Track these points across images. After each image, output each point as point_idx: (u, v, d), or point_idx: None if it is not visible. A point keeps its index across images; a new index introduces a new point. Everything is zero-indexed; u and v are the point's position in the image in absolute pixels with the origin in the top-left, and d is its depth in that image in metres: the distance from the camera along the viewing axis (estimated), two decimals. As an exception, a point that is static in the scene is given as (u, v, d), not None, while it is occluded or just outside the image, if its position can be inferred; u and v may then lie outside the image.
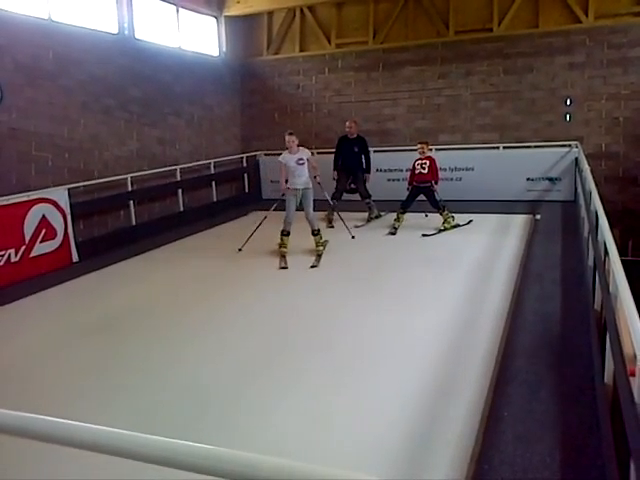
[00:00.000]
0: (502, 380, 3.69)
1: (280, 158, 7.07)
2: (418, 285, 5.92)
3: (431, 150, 8.83)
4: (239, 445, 2.27)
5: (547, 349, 4.19)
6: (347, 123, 9.32)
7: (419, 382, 3.78)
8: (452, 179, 10.28)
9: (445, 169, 9.90)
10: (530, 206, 9.43)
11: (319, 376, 3.96)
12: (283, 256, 7.00)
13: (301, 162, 6.97)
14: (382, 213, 9.47)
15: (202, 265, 7.10)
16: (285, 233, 7.10)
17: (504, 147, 10.44)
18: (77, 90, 8.32)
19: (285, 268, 6.73)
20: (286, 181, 7.15)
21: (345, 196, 9.27)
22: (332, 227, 8.87)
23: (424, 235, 8.06)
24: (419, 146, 8.45)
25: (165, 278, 6.68)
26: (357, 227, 8.84)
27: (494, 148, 10.51)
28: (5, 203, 6.65)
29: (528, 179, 10.17)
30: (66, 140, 8.13)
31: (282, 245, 7.11)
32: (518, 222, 8.63)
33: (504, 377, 3.73)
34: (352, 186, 9.33)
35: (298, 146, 7.11)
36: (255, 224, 7.76)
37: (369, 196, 9.37)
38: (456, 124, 11.16)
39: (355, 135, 9.22)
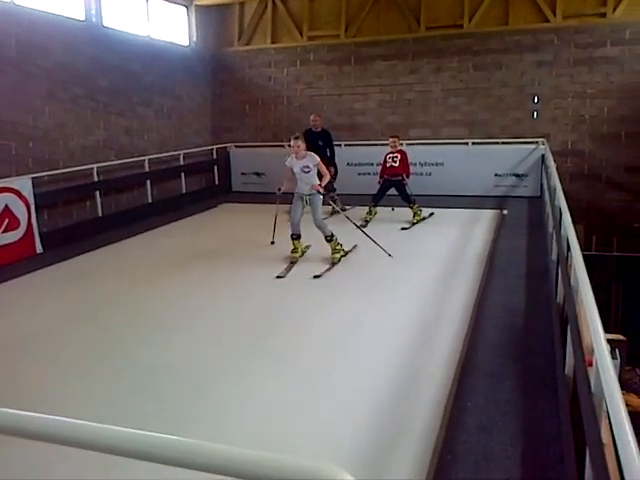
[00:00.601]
0: (466, 371, 3.75)
1: (287, 162, 6.57)
2: (384, 278, 5.94)
3: (402, 144, 8.88)
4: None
5: (511, 342, 4.27)
6: (312, 117, 9.31)
7: (383, 375, 3.78)
8: (422, 174, 10.35)
9: (415, 164, 9.97)
10: (498, 201, 9.59)
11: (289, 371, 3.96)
12: (292, 262, 6.49)
13: (307, 170, 6.43)
14: (347, 207, 9.51)
15: (166, 256, 7.01)
16: (294, 236, 6.62)
17: (473, 143, 10.57)
18: (42, 78, 8.12)
19: (281, 277, 6.07)
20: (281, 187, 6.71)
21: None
22: None
23: (403, 229, 8.12)
24: (391, 140, 8.50)
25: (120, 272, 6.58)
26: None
27: (463, 144, 10.63)
28: (-35, 192, 6.48)
29: (496, 175, 10.31)
30: (30, 128, 7.93)
31: (294, 250, 6.65)
32: (486, 217, 8.74)
33: (468, 369, 3.79)
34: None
35: (306, 151, 6.52)
36: (225, 215, 7.68)
37: (334, 190, 9.40)
38: (426, 119, 11.25)
39: (320, 128, 9.23)
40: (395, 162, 8.34)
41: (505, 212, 8.89)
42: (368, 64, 11.51)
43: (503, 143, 10.57)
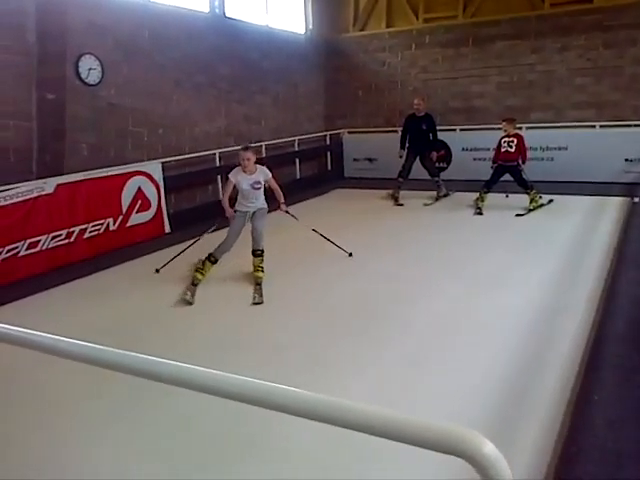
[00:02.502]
0: (593, 364, 3.56)
1: (230, 176, 5.56)
2: (507, 267, 5.75)
3: (520, 128, 8.49)
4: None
5: (643, 335, 3.98)
6: (415, 100, 9.19)
7: (508, 361, 3.72)
8: (543, 159, 9.87)
9: (536, 148, 9.54)
10: (628, 188, 8.90)
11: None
12: (194, 284, 5.38)
13: (257, 186, 5.55)
14: (450, 192, 9.34)
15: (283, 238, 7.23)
16: (213, 260, 5.53)
17: (601, 126, 9.89)
18: (170, 67, 8.62)
19: (189, 303, 5.09)
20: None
21: (412, 174, 9.25)
22: (401, 205, 8.97)
23: (518, 215, 7.82)
24: (503, 123, 8.19)
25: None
26: (426, 205, 8.86)
27: (590, 127, 9.97)
28: (105, 175, 7.08)
29: (626, 160, 9.59)
30: (160, 116, 8.48)
31: (199, 270, 5.49)
32: (614, 204, 8.19)
33: (595, 361, 3.59)
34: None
35: (256, 164, 5.61)
36: (338, 202, 7.79)
37: (438, 174, 9.30)
38: (549, 101, 10.65)
39: (423, 113, 9.09)
40: (511, 147, 8.01)
41: (637, 200, 8.24)
42: (487, 45, 11.07)
43: (635, 126, 9.77)
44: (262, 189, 5.65)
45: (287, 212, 6.03)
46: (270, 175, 5.65)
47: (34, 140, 6.81)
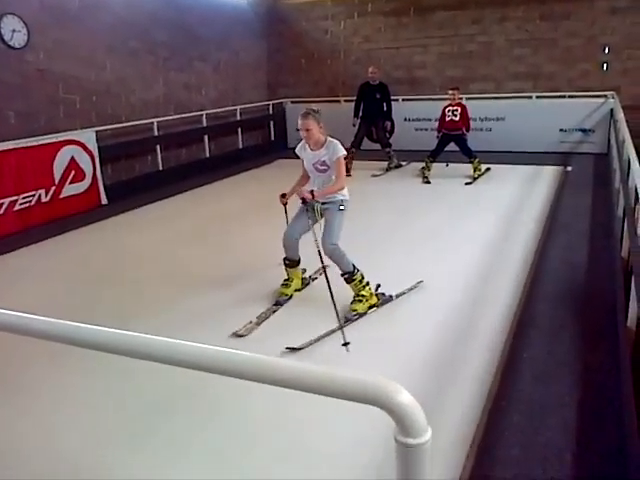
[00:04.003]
0: (523, 324, 3.71)
1: (297, 150, 4.22)
2: (444, 232, 5.88)
3: (461, 99, 8.61)
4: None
5: (571, 296, 4.17)
6: (370, 68, 9.11)
7: (441, 323, 3.81)
8: (482, 129, 10.05)
9: (475, 119, 9.66)
10: (562, 158, 9.23)
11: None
12: (278, 303, 4.17)
13: (322, 167, 4.05)
14: (402, 163, 9.39)
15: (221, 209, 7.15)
16: (287, 262, 4.27)
17: (537, 97, 10.14)
18: (103, 32, 8.24)
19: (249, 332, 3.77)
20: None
21: (364, 145, 9.20)
22: (349, 175, 8.91)
23: (467, 184, 7.98)
24: (450, 92, 8.25)
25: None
26: (375, 176, 8.85)
27: (527, 97, 10.21)
28: (35, 144, 6.75)
29: (561, 130, 9.90)
30: (93, 83, 8.11)
31: (285, 284, 4.31)
32: (549, 173, 8.48)
33: (525, 321, 3.74)
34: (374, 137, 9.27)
35: (330, 136, 4.06)
36: (281, 171, 7.70)
37: (389, 145, 9.28)
38: (489, 72, 10.82)
39: (377, 82, 9.04)
40: (455, 115, 8.11)
41: (569, 169, 8.56)
42: (428, 15, 11.09)
43: (570, 97, 10.08)
44: (329, 173, 4.04)
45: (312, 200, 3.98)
46: (340, 154, 3.94)
47: (-45, 107, 6.41)
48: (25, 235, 6.29)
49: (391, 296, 4.15)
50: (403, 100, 10.72)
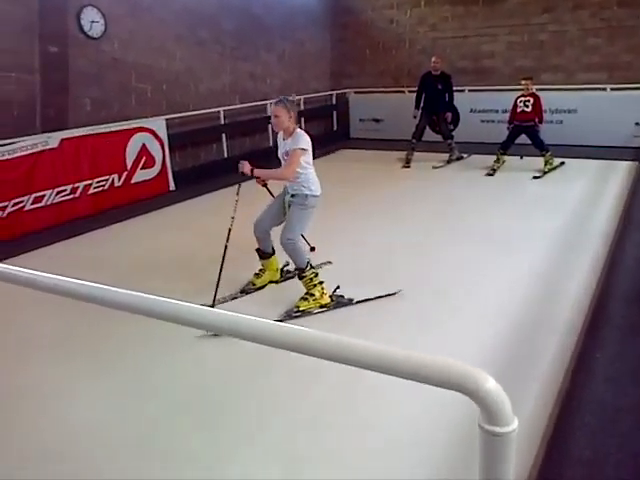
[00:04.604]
0: (596, 323, 3.58)
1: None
2: (514, 226, 5.74)
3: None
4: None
5: (646, 296, 3.99)
6: (433, 58, 8.90)
7: (511, 319, 3.74)
8: (552, 122, 9.68)
9: (545, 111, 9.36)
10: (637, 153, 8.81)
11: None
12: (244, 292, 4.26)
13: (287, 158, 4.03)
14: (464, 155, 9.20)
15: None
16: (259, 253, 4.28)
17: (612, 89, 9.70)
18: (173, 22, 8.44)
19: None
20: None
21: (426, 136, 9.06)
22: (408, 167, 8.82)
23: (535, 177, 7.77)
24: (523, 82, 7.99)
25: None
26: (435, 168, 8.72)
27: (601, 89, 9.78)
28: (109, 130, 7.02)
29: (637, 124, 9.44)
30: (164, 72, 8.34)
31: (257, 274, 4.37)
32: (623, 169, 8.11)
33: (598, 320, 3.61)
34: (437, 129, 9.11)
35: (298, 126, 4.04)
36: (344, 162, 7.70)
37: (451, 137, 9.10)
38: (560, 63, 10.42)
39: (439, 72, 8.86)
40: (527, 107, 7.86)
41: (645, 164, 8.17)
42: (497, 3, 10.77)
43: (648, 89, 9.59)
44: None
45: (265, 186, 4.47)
46: (298, 146, 3.86)
47: (37, 94, 6.72)
48: (99, 217, 6.58)
49: (351, 300, 4.02)
50: (469, 91, 10.50)
